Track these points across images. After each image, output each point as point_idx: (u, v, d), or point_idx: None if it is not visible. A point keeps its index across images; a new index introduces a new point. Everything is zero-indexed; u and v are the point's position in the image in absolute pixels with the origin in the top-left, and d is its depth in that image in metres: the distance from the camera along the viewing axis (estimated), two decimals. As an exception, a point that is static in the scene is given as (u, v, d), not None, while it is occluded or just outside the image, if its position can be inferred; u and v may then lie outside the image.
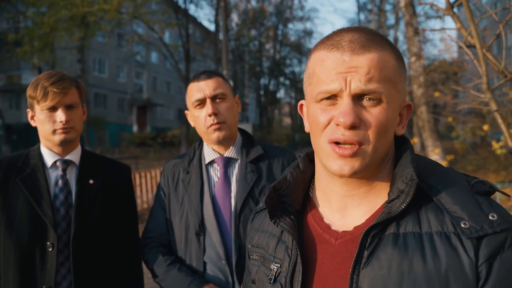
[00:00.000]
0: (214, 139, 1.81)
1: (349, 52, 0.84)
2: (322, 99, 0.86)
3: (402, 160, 0.89)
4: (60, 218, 1.76)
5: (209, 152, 1.89)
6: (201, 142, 1.96)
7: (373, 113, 0.83)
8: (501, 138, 7.41)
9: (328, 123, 0.86)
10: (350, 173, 0.84)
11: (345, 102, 0.83)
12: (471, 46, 2.28)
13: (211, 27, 45.62)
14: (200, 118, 1.82)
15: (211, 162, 1.89)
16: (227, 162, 1.87)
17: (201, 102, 1.81)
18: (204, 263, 1.79)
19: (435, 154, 9.19)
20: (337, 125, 0.83)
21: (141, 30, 29.30)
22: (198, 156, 1.92)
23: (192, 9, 78.61)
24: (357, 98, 0.84)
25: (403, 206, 0.82)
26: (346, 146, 0.83)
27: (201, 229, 1.79)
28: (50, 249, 1.71)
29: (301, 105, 1.01)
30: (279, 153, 1.92)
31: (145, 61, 37.07)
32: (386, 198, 0.88)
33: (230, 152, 1.88)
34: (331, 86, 0.84)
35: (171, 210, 1.90)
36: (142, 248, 1.93)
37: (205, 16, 73.63)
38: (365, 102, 0.84)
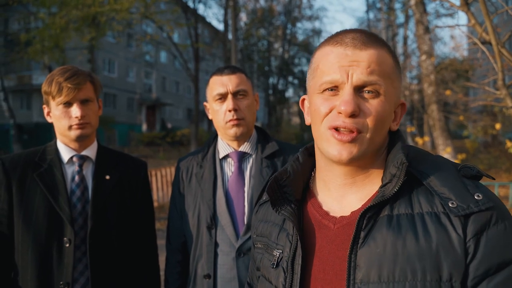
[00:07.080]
0: (231, 134, 1.82)
1: (352, 47, 0.92)
2: (324, 90, 0.93)
3: (393, 149, 0.96)
4: (77, 214, 1.77)
5: (224, 147, 1.90)
6: (215, 136, 1.97)
7: (372, 104, 0.90)
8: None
9: (330, 112, 0.92)
10: (348, 158, 0.90)
11: (346, 92, 0.90)
12: (485, 43, 2.25)
13: (220, 26, 45.74)
14: (219, 112, 1.83)
15: (226, 157, 1.90)
16: (242, 157, 1.88)
17: (222, 97, 1.82)
18: (216, 256, 1.80)
19: (446, 153, 9.11)
20: (339, 113, 0.90)
21: (150, 30, 29.42)
22: (212, 150, 1.93)
23: (201, 9, 78.91)
24: (358, 89, 0.91)
25: (395, 189, 0.88)
26: (345, 132, 0.90)
27: (213, 222, 1.81)
28: (67, 245, 1.72)
29: (303, 99, 1.08)
30: (293, 150, 1.92)
31: (154, 61, 37.18)
32: (380, 184, 0.94)
33: (244, 147, 1.88)
34: (333, 77, 0.91)
35: (186, 204, 1.91)
36: (167, 244, 2.01)
37: (214, 15, 73.71)
38: (365, 94, 0.91)
